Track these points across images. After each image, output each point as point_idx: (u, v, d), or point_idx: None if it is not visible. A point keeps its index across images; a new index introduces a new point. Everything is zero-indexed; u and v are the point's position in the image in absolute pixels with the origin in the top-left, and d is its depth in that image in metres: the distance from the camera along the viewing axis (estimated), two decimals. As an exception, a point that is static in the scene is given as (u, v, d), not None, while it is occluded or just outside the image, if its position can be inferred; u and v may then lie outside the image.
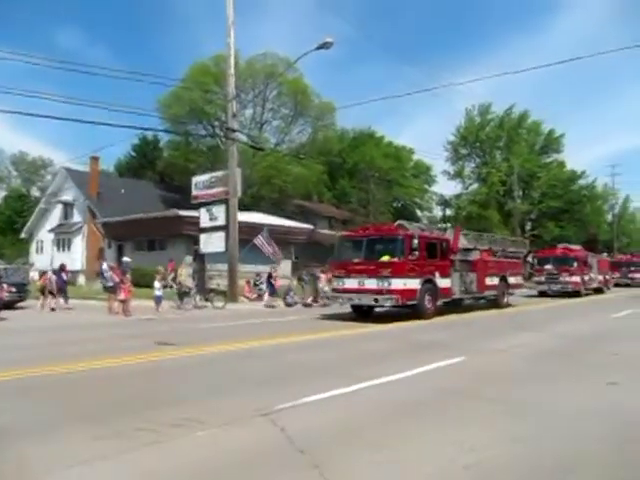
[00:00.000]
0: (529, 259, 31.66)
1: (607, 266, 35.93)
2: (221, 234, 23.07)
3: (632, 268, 42.47)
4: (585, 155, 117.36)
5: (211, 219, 23.69)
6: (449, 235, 18.77)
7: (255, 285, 24.49)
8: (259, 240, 23.32)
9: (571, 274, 28.23)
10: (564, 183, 54.19)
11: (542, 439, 4.58)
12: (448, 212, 58.25)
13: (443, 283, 16.53)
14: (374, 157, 50.03)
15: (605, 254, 40.03)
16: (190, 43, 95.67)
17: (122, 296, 17.31)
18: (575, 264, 28.63)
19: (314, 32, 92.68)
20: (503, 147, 54.94)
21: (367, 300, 15.12)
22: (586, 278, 29.39)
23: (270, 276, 22.25)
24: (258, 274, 24.34)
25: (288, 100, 40.80)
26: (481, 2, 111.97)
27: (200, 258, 24.03)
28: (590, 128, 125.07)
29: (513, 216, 48.49)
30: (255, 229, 24.70)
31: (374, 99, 49.69)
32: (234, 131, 24.08)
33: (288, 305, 21.19)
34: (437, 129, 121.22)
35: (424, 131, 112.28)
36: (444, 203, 58.40)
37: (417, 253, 15.10)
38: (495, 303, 20.10)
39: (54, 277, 19.44)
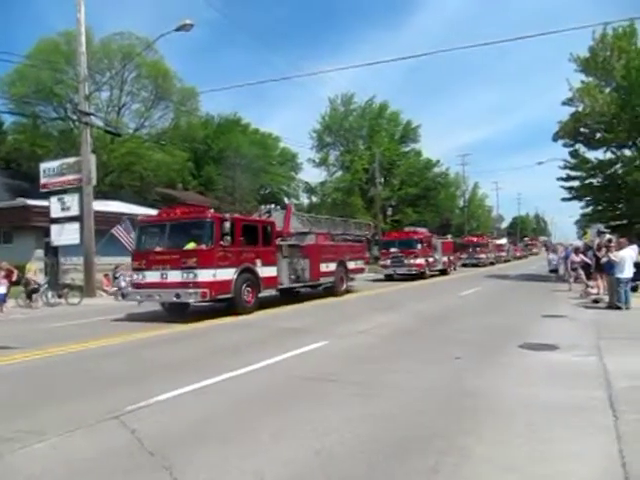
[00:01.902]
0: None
1: (451, 248, 36.80)
2: (75, 225, 21.54)
3: (478, 249, 45.67)
4: (439, 145, 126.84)
5: (63, 209, 22.01)
6: (277, 217, 17.07)
7: (115, 278, 23.20)
8: (117, 230, 22.04)
9: (415, 256, 28.19)
10: (421, 171, 57.61)
11: (392, 417, 4.80)
12: (314, 199, 59.46)
13: (266, 272, 14.73)
14: (240, 144, 49.46)
15: (449, 236, 41.31)
16: (35, 16, 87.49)
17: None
18: (419, 246, 28.70)
19: (179, 14, 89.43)
20: (365, 136, 56.98)
21: (168, 296, 12.79)
22: (430, 260, 29.83)
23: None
24: (117, 266, 23.04)
25: (148, 83, 38.93)
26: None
27: (52, 251, 22.29)
28: (443, 120, 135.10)
29: (375, 202, 50.60)
30: (114, 219, 23.32)
31: (239, 84, 49.18)
32: (87, 114, 22.49)
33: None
34: (303, 118, 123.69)
35: (290, 119, 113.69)
36: (310, 190, 59.51)
37: (229, 239, 13.04)
38: (332, 291, 18.63)
39: None
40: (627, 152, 26.30)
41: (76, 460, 3.96)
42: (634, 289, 14.76)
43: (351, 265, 20.10)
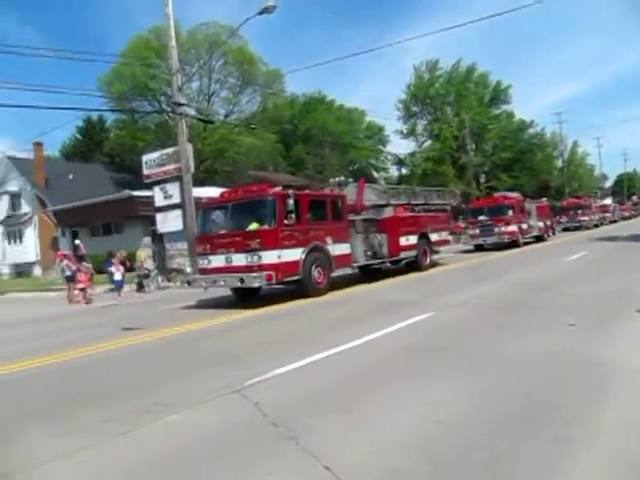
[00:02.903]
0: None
1: (547, 212, 33.93)
2: (178, 212, 22.55)
3: (579, 211, 42.59)
4: (532, 104, 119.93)
5: (166, 197, 23.12)
6: (349, 191, 16.20)
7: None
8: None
9: (507, 223, 26.12)
10: (514, 133, 55.10)
11: (510, 387, 4.68)
12: (404, 171, 58.62)
13: (339, 249, 13.79)
14: (326, 122, 49.68)
15: (545, 199, 37.90)
16: (125, 16, 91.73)
17: (81, 284, 16.89)
18: (510, 212, 26.59)
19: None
20: (453, 102, 55.22)
21: (232, 281, 12.18)
22: (524, 226, 27.63)
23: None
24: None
25: (234, 70, 39.84)
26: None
27: (159, 238, 23.53)
28: (535, 78, 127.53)
29: (467, 170, 49.09)
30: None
31: (320, 63, 48.84)
32: (181, 105, 23.36)
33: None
34: (386, 89, 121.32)
35: (374, 92, 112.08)
36: (399, 162, 58.68)
37: (295, 216, 12.17)
38: (415, 265, 17.53)
39: None
40: None
41: (209, 430, 4.21)
42: None
43: (434, 237, 18.82)
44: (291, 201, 12.18)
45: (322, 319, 9.76)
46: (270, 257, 11.74)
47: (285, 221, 12.10)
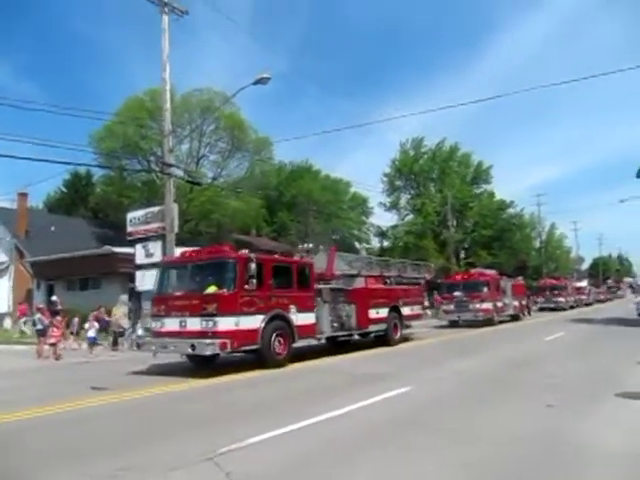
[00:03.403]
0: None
1: (523, 291, 33.72)
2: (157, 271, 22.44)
3: (556, 292, 43.20)
4: (513, 186, 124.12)
5: (147, 255, 23.02)
6: (320, 258, 15.75)
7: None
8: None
9: (482, 300, 25.50)
10: (494, 212, 56.38)
11: (488, 465, 4.63)
12: (386, 243, 59.23)
13: (303, 319, 13.02)
14: (312, 190, 50.47)
15: (520, 278, 37.90)
16: (123, 78, 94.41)
17: (52, 339, 16.47)
18: (486, 289, 26.06)
19: (248, 68, 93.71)
20: (436, 179, 56.69)
21: (183, 347, 11.31)
22: (499, 305, 27.08)
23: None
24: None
25: (225, 135, 40.68)
26: (405, 42, 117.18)
27: (136, 296, 23.23)
28: (516, 160, 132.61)
29: (448, 245, 49.81)
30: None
31: (311, 134, 50.39)
32: (170, 166, 23.71)
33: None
34: (372, 161, 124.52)
35: (360, 164, 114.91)
36: (381, 234, 59.37)
37: (255, 281, 11.45)
38: (385, 339, 16.82)
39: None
40: None
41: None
42: None
43: (406, 311, 18.24)
44: (253, 265, 11.55)
45: (297, 388, 9.60)
46: (227, 323, 11.04)
47: (246, 286, 11.42)
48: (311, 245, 16.77)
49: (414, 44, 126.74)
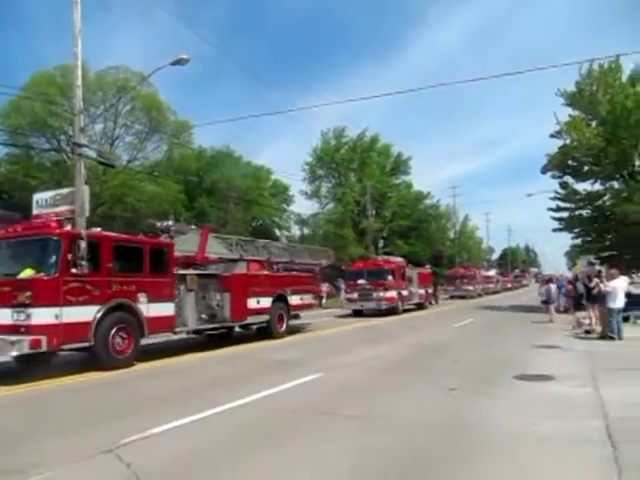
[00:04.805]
0: None
1: (429, 279, 32.90)
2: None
3: (465, 280, 45.30)
4: (430, 178, 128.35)
5: (55, 240, 21.90)
6: (190, 240, 13.95)
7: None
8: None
9: (386, 289, 24.46)
10: (412, 203, 58.06)
11: (390, 449, 4.77)
12: (306, 231, 59.55)
13: (156, 310, 10.94)
14: (233, 176, 49.72)
15: (428, 266, 37.78)
16: (31, 50, 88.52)
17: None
18: (390, 277, 24.99)
19: (170, 48, 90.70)
20: (357, 169, 57.47)
21: None
22: (404, 293, 26.35)
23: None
24: None
25: (142, 116, 39.22)
26: (336, 32, 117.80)
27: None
28: (434, 153, 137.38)
29: (367, 234, 50.76)
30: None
31: (233, 119, 49.21)
32: (82, 146, 22.51)
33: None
34: (295, 150, 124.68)
35: (282, 152, 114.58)
36: (302, 222, 59.61)
37: (86, 264, 9.42)
38: (267, 332, 15.17)
39: None
40: (615, 184, 26.66)
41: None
42: (625, 319, 14.84)
43: (295, 300, 16.51)
44: (83, 244, 9.49)
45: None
46: (43, 316, 8.82)
47: (73, 269, 9.33)
48: (171, 222, 14.15)
49: (344, 31, 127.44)
